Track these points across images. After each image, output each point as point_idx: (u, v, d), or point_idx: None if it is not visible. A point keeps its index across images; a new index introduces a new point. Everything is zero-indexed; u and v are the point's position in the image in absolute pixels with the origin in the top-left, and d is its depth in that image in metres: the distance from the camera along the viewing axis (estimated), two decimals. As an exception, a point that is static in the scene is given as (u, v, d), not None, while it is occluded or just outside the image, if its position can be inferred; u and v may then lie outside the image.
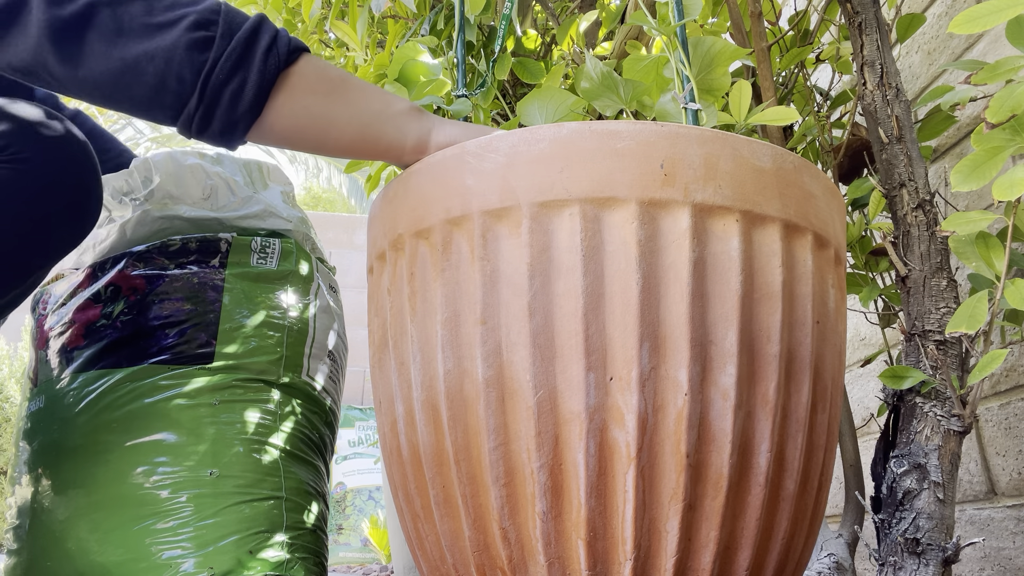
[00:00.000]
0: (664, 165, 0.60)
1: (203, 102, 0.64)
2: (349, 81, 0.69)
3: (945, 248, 0.78)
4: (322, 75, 0.68)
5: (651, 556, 0.59)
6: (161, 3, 0.63)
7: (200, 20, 0.63)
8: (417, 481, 0.67)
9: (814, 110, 1.04)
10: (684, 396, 0.58)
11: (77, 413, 0.97)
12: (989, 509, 1.12)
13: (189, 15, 0.63)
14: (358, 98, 0.68)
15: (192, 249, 1.07)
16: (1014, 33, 0.69)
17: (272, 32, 0.66)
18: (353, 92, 0.68)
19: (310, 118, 0.67)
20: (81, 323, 1.02)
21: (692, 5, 0.74)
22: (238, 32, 0.64)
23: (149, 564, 0.91)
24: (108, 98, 0.65)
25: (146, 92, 0.63)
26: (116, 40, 0.62)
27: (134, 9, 0.62)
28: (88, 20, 0.62)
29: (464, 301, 0.62)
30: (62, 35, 0.62)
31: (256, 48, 0.64)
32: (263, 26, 0.66)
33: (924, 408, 0.75)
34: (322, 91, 0.67)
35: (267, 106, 0.65)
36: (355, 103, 0.68)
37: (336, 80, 0.68)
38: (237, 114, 0.64)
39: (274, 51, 0.65)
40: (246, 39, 0.64)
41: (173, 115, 0.65)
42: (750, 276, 0.61)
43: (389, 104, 0.69)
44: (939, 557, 0.71)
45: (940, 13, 1.23)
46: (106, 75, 0.63)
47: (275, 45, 0.65)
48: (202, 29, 0.63)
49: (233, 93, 0.64)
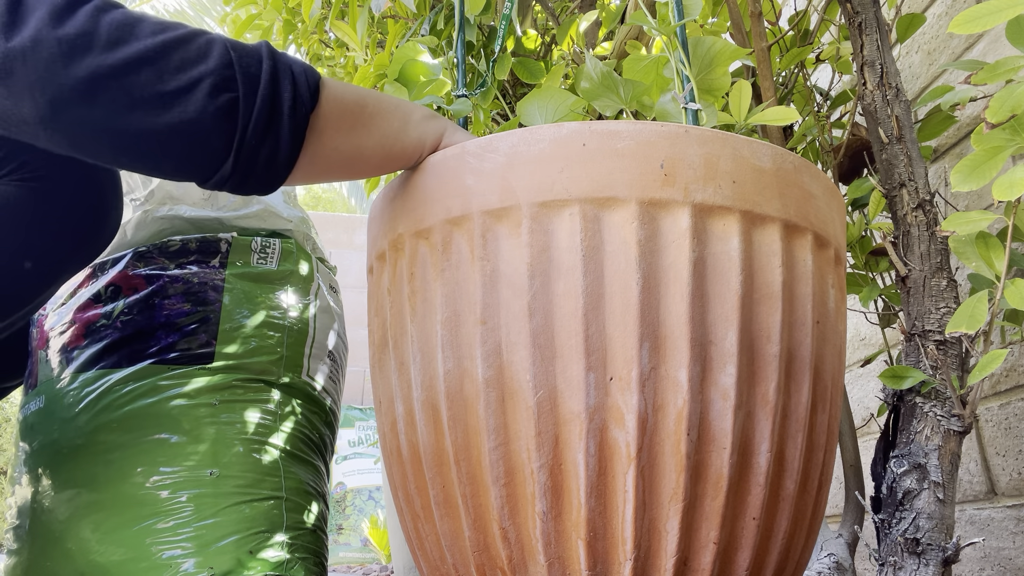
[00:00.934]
0: (664, 165, 0.60)
1: (238, 168, 0.61)
2: (367, 105, 0.66)
3: (945, 248, 0.78)
4: (343, 108, 0.65)
5: (651, 556, 0.59)
6: (169, 64, 0.57)
7: (219, 82, 0.58)
8: (417, 481, 0.67)
9: (814, 110, 1.04)
10: (684, 396, 0.58)
11: (77, 413, 0.97)
12: (989, 509, 1.12)
13: (206, 78, 0.58)
14: (379, 122, 0.66)
15: (192, 249, 1.07)
16: (1014, 33, 0.69)
17: (289, 75, 0.62)
18: (374, 117, 0.66)
19: (340, 155, 0.65)
20: (81, 323, 1.02)
21: (692, 5, 0.74)
22: (259, 87, 0.60)
23: (149, 564, 0.91)
24: (126, 166, 0.62)
25: (174, 164, 0.60)
26: (131, 115, 0.57)
27: (143, 77, 0.56)
28: (94, 96, 0.56)
29: (464, 301, 0.62)
30: (71, 116, 0.56)
31: (282, 103, 0.61)
32: (279, 68, 0.62)
33: (924, 408, 0.75)
34: (346, 127, 0.65)
35: (299, 156, 0.63)
36: (377, 128, 0.66)
37: (356, 108, 0.66)
38: (273, 173, 0.63)
39: (300, 102, 0.62)
40: (270, 95, 0.60)
41: (202, 179, 0.62)
42: (750, 276, 0.61)
43: (407, 119, 0.68)
44: (939, 557, 0.71)
45: (940, 13, 1.23)
46: (125, 151, 0.59)
47: (297, 93, 0.62)
48: (224, 92, 0.58)
49: (268, 156, 0.61)
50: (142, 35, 0.57)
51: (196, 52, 0.58)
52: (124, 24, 0.57)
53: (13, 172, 0.73)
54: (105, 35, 0.56)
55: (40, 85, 0.55)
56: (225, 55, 0.59)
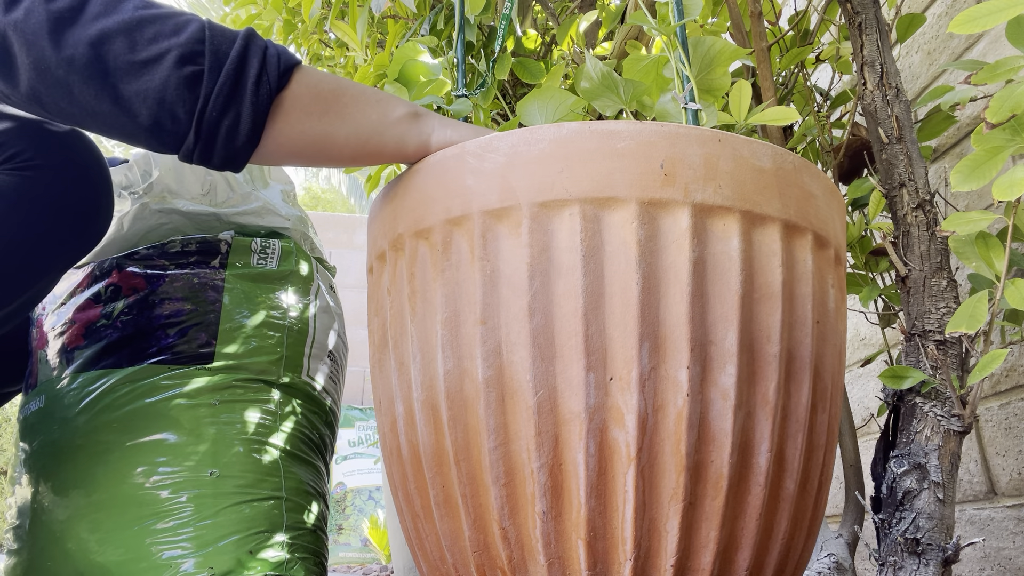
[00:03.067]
0: (664, 165, 0.60)
1: (200, 138, 0.63)
2: (344, 94, 0.67)
3: (945, 248, 0.78)
4: (316, 93, 0.66)
5: (651, 556, 0.59)
6: (143, 36, 0.61)
7: (186, 54, 0.61)
8: (417, 481, 0.67)
9: (814, 110, 1.04)
10: (684, 396, 0.58)
11: (77, 413, 0.97)
12: (989, 509, 1.12)
13: (173, 49, 0.61)
14: (354, 112, 0.67)
15: (192, 250, 1.07)
16: (1014, 33, 0.69)
17: (260, 55, 0.64)
18: (349, 107, 0.67)
19: (308, 139, 0.66)
20: (81, 323, 1.02)
21: (692, 5, 0.74)
22: (226, 63, 0.62)
23: (149, 564, 0.91)
24: (102, 132, 0.65)
25: (141, 130, 0.63)
26: (105, 81, 0.61)
27: (117, 47, 0.61)
28: (72, 63, 0.60)
29: (464, 301, 0.62)
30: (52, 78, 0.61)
31: (246, 79, 0.63)
32: (250, 49, 0.64)
33: (924, 408, 0.75)
34: (317, 111, 0.66)
35: (264, 134, 0.65)
36: (352, 118, 0.67)
37: (331, 96, 0.67)
38: (235, 147, 0.64)
39: (264, 79, 0.63)
40: (235, 70, 0.63)
41: (171, 149, 0.65)
42: (750, 276, 0.61)
43: (386, 113, 0.68)
44: (939, 557, 0.71)
45: (940, 13, 1.23)
46: (99, 115, 0.63)
47: (265, 71, 0.64)
48: (189, 63, 0.61)
49: (229, 128, 0.63)
50: (125, 10, 0.62)
51: (172, 27, 0.62)
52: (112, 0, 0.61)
53: (6, 161, 0.74)
54: (92, 10, 0.61)
55: (26, 49, 0.61)
56: (199, 33, 0.63)
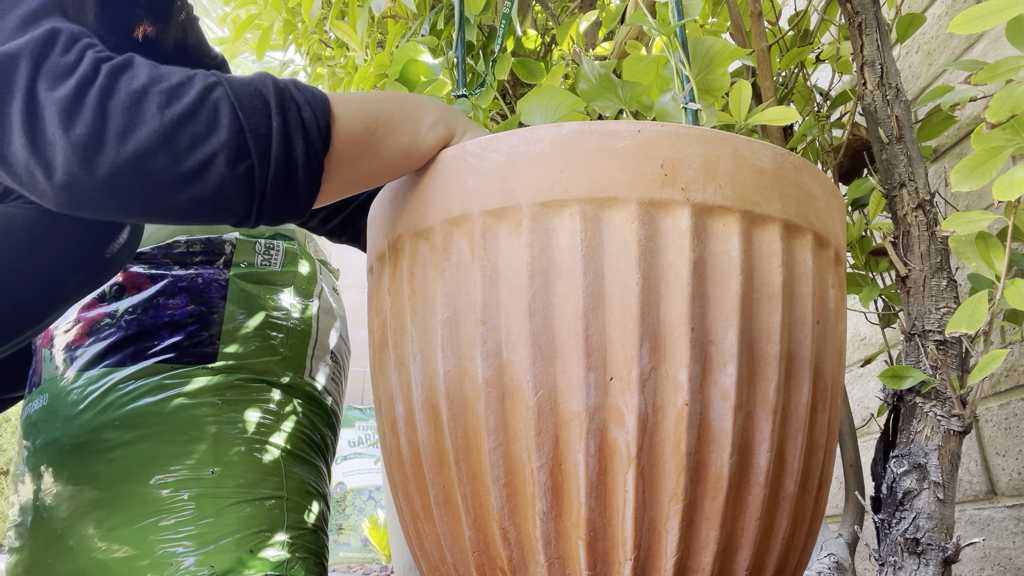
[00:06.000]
0: (664, 165, 0.60)
1: (262, 218, 0.64)
2: (377, 126, 0.66)
3: (945, 248, 0.79)
4: (354, 140, 0.65)
5: (651, 556, 0.59)
6: (181, 144, 0.58)
7: (232, 156, 0.59)
8: (417, 481, 0.67)
9: (814, 110, 1.04)
10: (684, 396, 0.58)
11: (80, 411, 0.98)
12: (989, 509, 1.12)
13: (219, 152, 0.59)
14: (389, 143, 0.67)
15: (197, 250, 1.07)
16: (1014, 33, 0.69)
17: (299, 126, 0.62)
18: (384, 139, 0.66)
19: (352, 183, 0.67)
20: (86, 322, 1.03)
21: (692, 5, 0.74)
22: (271, 148, 0.60)
23: (151, 562, 0.92)
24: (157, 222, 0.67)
25: (201, 222, 0.64)
26: (152, 195, 0.59)
27: (159, 164, 0.57)
28: (115, 188, 0.57)
29: (464, 301, 0.62)
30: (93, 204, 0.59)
31: (296, 159, 0.62)
32: (289, 122, 0.62)
33: (924, 408, 0.75)
34: (358, 156, 0.66)
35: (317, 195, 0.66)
36: (388, 149, 0.67)
37: (366, 134, 0.66)
38: (293, 215, 0.65)
39: (312, 152, 0.62)
40: (284, 153, 0.61)
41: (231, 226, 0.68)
42: (750, 276, 0.61)
43: (418, 128, 0.68)
44: (939, 557, 0.71)
45: (940, 13, 1.23)
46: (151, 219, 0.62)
47: (310, 144, 0.62)
48: (240, 161, 0.59)
49: (289, 207, 0.64)
50: (149, 115, 0.57)
51: (206, 124, 0.59)
52: (130, 107, 0.57)
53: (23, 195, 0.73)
54: (114, 127, 0.57)
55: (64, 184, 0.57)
56: (234, 121, 0.59)
